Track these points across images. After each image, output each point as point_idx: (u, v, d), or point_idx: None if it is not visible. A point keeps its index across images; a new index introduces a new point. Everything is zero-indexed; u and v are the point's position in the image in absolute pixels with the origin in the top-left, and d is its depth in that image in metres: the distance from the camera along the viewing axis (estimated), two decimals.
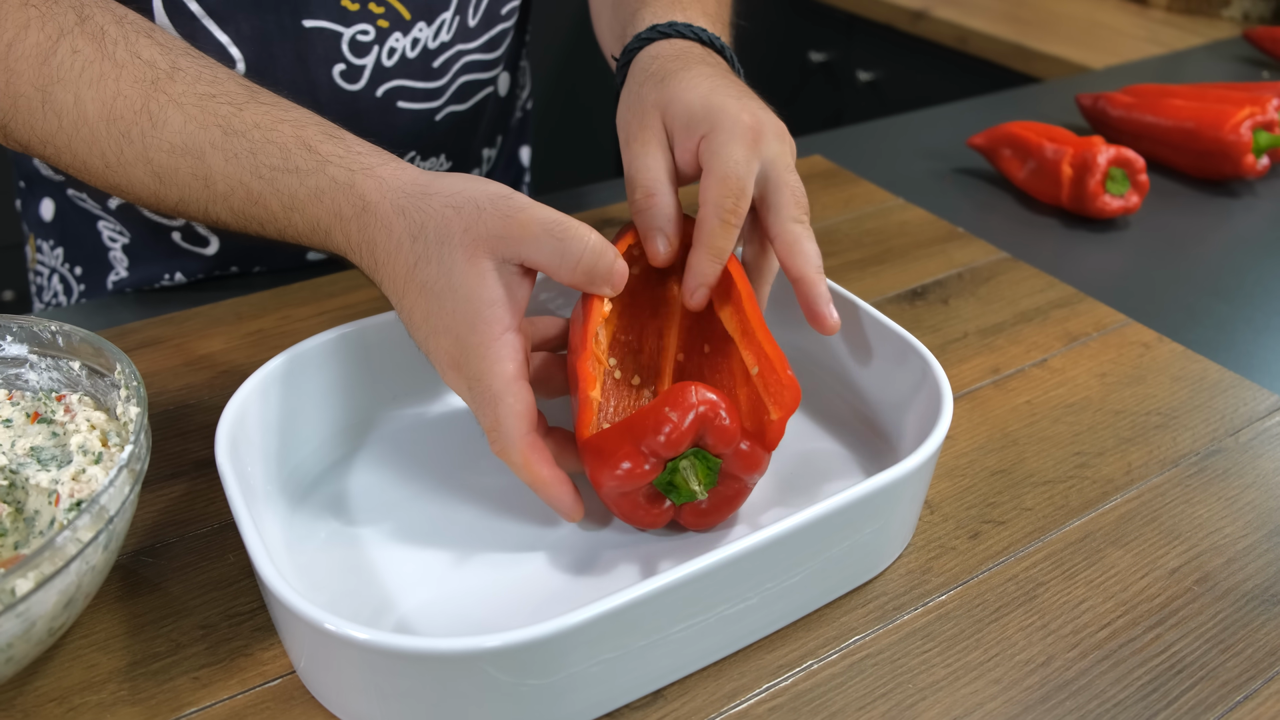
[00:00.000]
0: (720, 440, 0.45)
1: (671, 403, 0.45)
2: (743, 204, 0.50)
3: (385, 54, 0.69)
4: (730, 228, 0.50)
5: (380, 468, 0.54)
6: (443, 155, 0.78)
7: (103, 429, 0.47)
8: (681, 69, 0.54)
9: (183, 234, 0.72)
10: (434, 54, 0.71)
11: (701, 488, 0.45)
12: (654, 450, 0.44)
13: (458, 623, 0.45)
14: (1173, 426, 0.60)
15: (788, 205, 0.51)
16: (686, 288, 0.52)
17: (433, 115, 0.74)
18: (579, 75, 2.19)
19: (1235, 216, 0.90)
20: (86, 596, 0.42)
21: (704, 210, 0.50)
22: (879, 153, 1.00)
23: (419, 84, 0.72)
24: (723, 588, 0.42)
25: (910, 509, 0.49)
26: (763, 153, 0.51)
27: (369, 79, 0.69)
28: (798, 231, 0.51)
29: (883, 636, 0.46)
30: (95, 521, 0.39)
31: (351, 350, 0.54)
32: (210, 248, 0.73)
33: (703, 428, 0.44)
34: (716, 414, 0.44)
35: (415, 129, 0.74)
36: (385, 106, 0.71)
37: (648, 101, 0.54)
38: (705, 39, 0.58)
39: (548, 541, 0.50)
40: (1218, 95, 0.97)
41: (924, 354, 0.51)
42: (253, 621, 0.46)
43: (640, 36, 0.58)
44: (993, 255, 0.77)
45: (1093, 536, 0.52)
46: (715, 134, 0.50)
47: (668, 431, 0.44)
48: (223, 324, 0.66)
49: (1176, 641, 0.46)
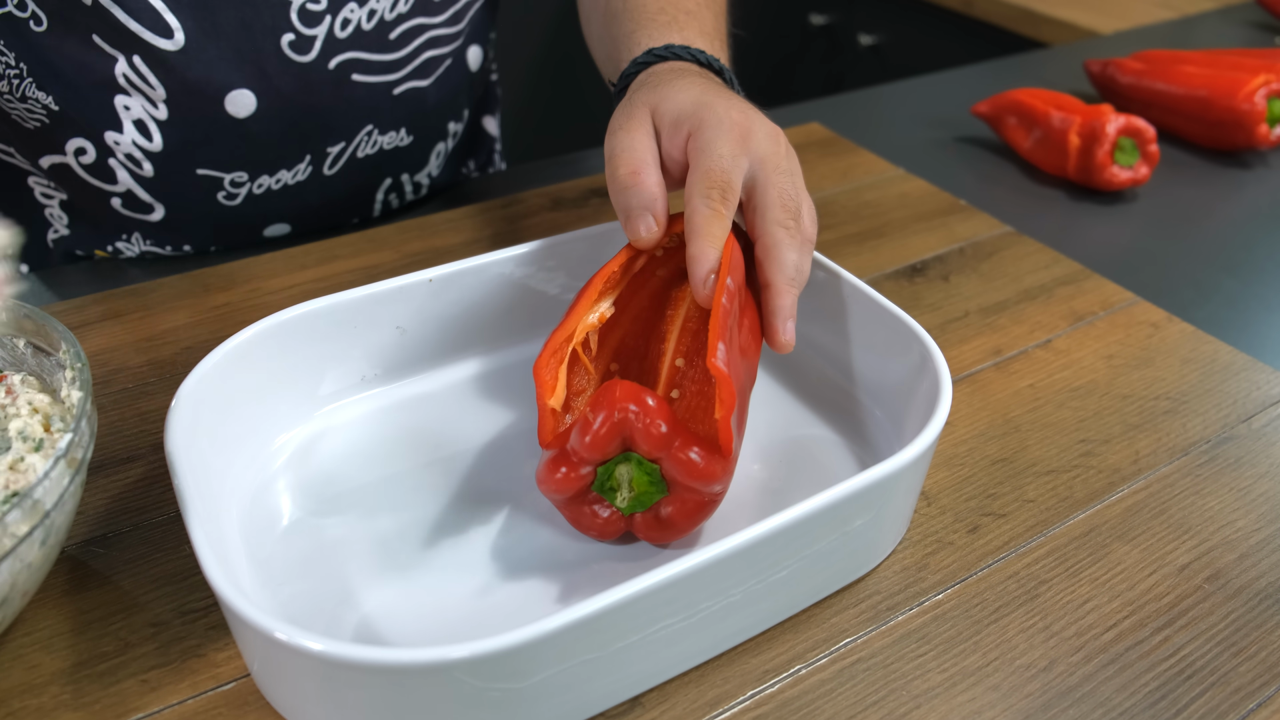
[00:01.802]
0: (650, 445, 0.42)
1: (594, 404, 0.42)
2: (729, 196, 0.47)
3: (338, 25, 0.65)
4: (720, 215, 0.47)
5: (349, 454, 0.51)
6: (403, 130, 0.74)
7: (45, 413, 0.44)
8: (676, 78, 0.52)
9: (123, 200, 0.68)
10: (391, 25, 0.68)
11: (631, 496, 0.43)
12: (579, 455, 0.42)
13: (423, 624, 0.42)
14: (1182, 412, 0.57)
15: (773, 207, 0.48)
16: (695, 278, 0.47)
17: (390, 89, 0.70)
18: (573, 40, 2.13)
19: (1246, 189, 0.87)
20: (24, 595, 0.39)
21: (691, 204, 0.48)
22: (879, 120, 0.97)
23: (375, 56, 0.68)
24: (704, 587, 0.39)
25: (906, 502, 0.46)
26: (752, 150, 0.49)
27: (320, 50, 0.65)
28: (779, 236, 0.48)
29: (875, 639, 0.44)
30: (29, 516, 0.37)
31: (322, 328, 0.51)
32: (155, 214, 0.69)
33: (627, 431, 0.42)
34: (642, 416, 0.41)
35: (371, 103, 0.70)
36: (339, 80, 0.67)
37: (638, 102, 0.51)
38: (703, 61, 0.56)
39: (521, 535, 0.47)
40: (1231, 62, 0.94)
41: (923, 338, 0.49)
42: (207, 619, 0.43)
43: (637, 62, 0.56)
44: (996, 229, 0.74)
45: (1098, 530, 0.49)
46: (702, 130, 0.48)
47: (592, 433, 0.41)
48: (188, 297, 0.63)
49: (1186, 644, 0.44)
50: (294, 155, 0.69)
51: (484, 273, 0.55)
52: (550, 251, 0.56)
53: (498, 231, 0.71)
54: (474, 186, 0.85)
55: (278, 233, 0.74)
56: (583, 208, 0.74)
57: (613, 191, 0.49)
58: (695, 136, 0.48)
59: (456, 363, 0.57)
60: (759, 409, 0.54)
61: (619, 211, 0.49)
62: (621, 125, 0.51)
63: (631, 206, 0.48)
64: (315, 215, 0.75)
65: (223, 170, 0.68)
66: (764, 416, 0.54)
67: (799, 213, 0.49)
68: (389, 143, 0.73)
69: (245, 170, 0.68)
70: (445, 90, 0.75)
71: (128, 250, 0.72)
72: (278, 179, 0.70)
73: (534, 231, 0.71)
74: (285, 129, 0.67)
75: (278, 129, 0.67)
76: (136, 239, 0.71)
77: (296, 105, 0.66)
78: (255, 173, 0.69)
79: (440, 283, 0.53)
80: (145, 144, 0.65)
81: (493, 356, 0.57)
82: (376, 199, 0.77)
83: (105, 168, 0.66)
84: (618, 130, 0.51)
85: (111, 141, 0.64)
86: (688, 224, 0.47)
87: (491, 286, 0.55)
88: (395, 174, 0.77)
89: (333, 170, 0.72)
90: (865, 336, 0.53)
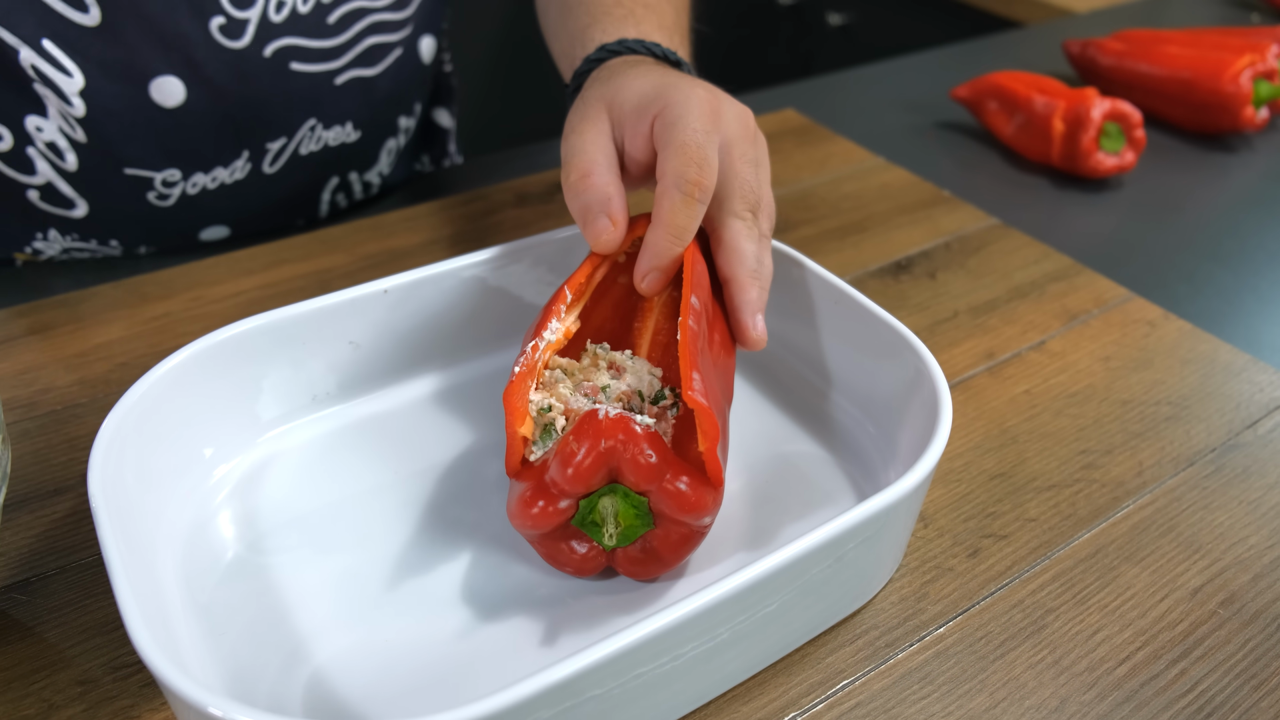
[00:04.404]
0: (640, 476, 0.38)
1: (578, 433, 0.38)
2: (706, 176, 0.43)
3: (273, 7, 0.60)
4: (692, 202, 0.43)
5: (298, 483, 0.47)
6: (349, 124, 0.69)
7: None
8: (629, 69, 0.48)
9: (41, 193, 0.62)
10: (329, 8, 0.63)
11: (618, 531, 0.39)
12: (560, 488, 0.38)
13: (383, 677, 0.39)
14: (1185, 418, 0.54)
15: (734, 198, 0.45)
16: (639, 271, 0.45)
17: (332, 79, 0.65)
18: (530, 24, 2.07)
19: (1233, 173, 0.84)
20: None
21: (662, 184, 0.44)
22: (854, 105, 0.93)
23: (313, 42, 0.63)
24: (690, 627, 0.35)
25: (905, 528, 0.42)
26: (722, 129, 0.45)
27: (254, 36, 0.60)
28: (738, 228, 0.45)
29: (874, 679, 0.40)
30: None
31: (266, 346, 0.46)
32: (78, 210, 0.64)
33: (614, 461, 0.38)
34: (631, 446, 0.38)
35: (313, 95, 0.65)
36: (276, 69, 0.62)
37: (591, 98, 0.48)
38: (659, 54, 0.52)
39: (491, 571, 0.43)
40: (1214, 42, 0.91)
41: (920, 350, 0.45)
42: (141, 675, 0.39)
43: (590, 59, 0.52)
44: (982, 222, 0.71)
45: (1104, 551, 0.46)
46: (670, 108, 0.45)
47: (574, 465, 0.38)
48: (123, 307, 0.58)
49: (1204, 677, 0.41)
50: (230, 151, 0.64)
51: (444, 281, 0.51)
52: (518, 255, 0.52)
53: (459, 231, 0.67)
54: (430, 181, 0.80)
55: (215, 236, 0.69)
56: (549, 203, 0.70)
57: (567, 197, 0.46)
58: (663, 115, 0.45)
59: (415, 378, 0.53)
60: (741, 422, 0.50)
61: (574, 217, 0.46)
62: (574, 127, 0.47)
63: (583, 208, 0.45)
64: (256, 217, 0.70)
65: (152, 169, 0.62)
66: (747, 430, 0.50)
67: (758, 208, 0.46)
68: (334, 138, 0.68)
69: (177, 167, 0.63)
70: (395, 82, 0.70)
71: (47, 249, 0.67)
72: (213, 177, 0.65)
73: (498, 230, 0.67)
74: (219, 122, 0.62)
75: (210, 122, 0.62)
76: (54, 235, 0.65)
77: (230, 96, 0.61)
78: (188, 170, 0.64)
79: (397, 293, 0.49)
80: (71, 132, 0.59)
81: (455, 370, 0.53)
82: (323, 199, 0.73)
83: (22, 157, 0.61)
84: (570, 133, 0.47)
85: (32, 128, 0.59)
86: (656, 207, 0.44)
87: (453, 295, 0.51)
88: (343, 172, 0.72)
89: (274, 168, 0.67)
90: (857, 348, 0.50)
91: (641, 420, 0.39)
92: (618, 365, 0.45)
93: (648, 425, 0.39)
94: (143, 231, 0.67)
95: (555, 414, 0.42)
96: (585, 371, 0.44)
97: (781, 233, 0.67)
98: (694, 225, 0.44)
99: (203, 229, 0.68)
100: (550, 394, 0.42)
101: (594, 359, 0.45)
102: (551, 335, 0.44)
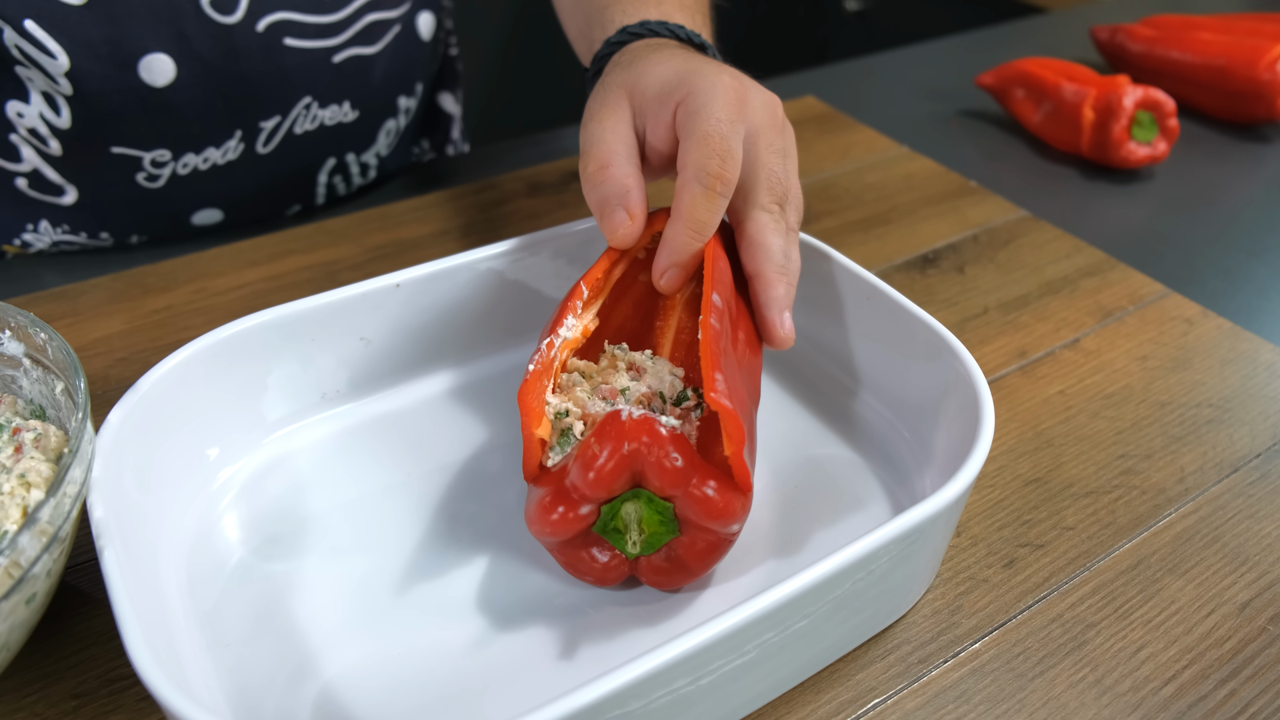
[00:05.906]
0: (664, 481, 0.36)
1: (600, 435, 0.36)
2: (729, 168, 0.41)
3: None
4: (714, 195, 0.41)
5: (307, 485, 0.45)
6: (346, 103, 0.66)
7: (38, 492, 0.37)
8: (652, 52, 0.46)
9: (29, 180, 0.61)
10: None
11: (643, 538, 0.37)
12: (581, 493, 0.36)
13: (397, 693, 0.37)
14: (1227, 421, 0.52)
15: (760, 190, 0.43)
16: (657, 267, 0.43)
17: (329, 56, 0.63)
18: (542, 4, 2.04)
19: (1268, 164, 0.82)
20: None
21: (683, 176, 0.42)
22: (875, 92, 0.91)
23: (310, 18, 0.61)
24: (715, 650, 0.33)
25: (940, 542, 0.40)
26: (748, 118, 0.43)
27: (247, 9, 0.58)
28: (764, 221, 0.43)
29: (907, 698, 0.38)
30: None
31: (274, 342, 0.45)
32: (67, 197, 0.62)
33: (638, 465, 0.36)
34: (655, 449, 0.36)
35: (309, 72, 0.63)
36: (269, 44, 0.60)
37: (612, 83, 0.46)
38: (683, 36, 0.49)
39: (508, 579, 0.41)
40: (1248, 28, 0.88)
41: (960, 351, 0.43)
42: (138, 688, 0.37)
43: (610, 41, 0.50)
44: (1011, 214, 0.69)
45: (1147, 562, 0.44)
46: (693, 96, 0.43)
47: (596, 468, 0.36)
48: (123, 300, 0.56)
49: (1255, 699, 0.39)
50: (222, 131, 0.62)
51: (459, 274, 0.49)
52: (535, 247, 0.50)
53: (470, 221, 0.65)
54: (438, 169, 0.78)
55: (208, 220, 0.67)
56: (563, 192, 0.68)
57: (584, 188, 0.44)
58: (685, 103, 0.43)
59: (429, 375, 0.51)
60: (768, 423, 0.48)
61: (592, 209, 0.44)
62: (594, 114, 0.45)
63: (601, 201, 0.43)
64: (250, 200, 0.67)
65: (141, 148, 0.60)
66: (775, 431, 0.48)
67: (785, 200, 0.44)
68: (330, 118, 0.66)
69: (167, 148, 0.61)
70: (394, 61, 0.68)
71: (37, 242, 0.65)
72: (205, 158, 0.63)
73: (510, 221, 0.65)
74: (210, 100, 0.60)
75: (201, 100, 0.60)
76: (45, 227, 0.63)
77: (222, 73, 0.59)
78: (179, 150, 0.61)
79: (410, 287, 0.47)
80: (53, 119, 0.57)
81: (470, 367, 0.51)
82: (319, 181, 0.70)
83: (7, 144, 0.59)
84: (589, 121, 0.45)
85: (14, 114, 0.57)
86: (676, 200, 0.42)
87: (468, 290, 0.49)
88: (339, 153, 0.69)
89: (267, 148, 0.65)
90: (887, 343, 0.48)
91: (666, 422, 0.37)
92: (637, 366, 0.43)
93: (673, 427, 0.38)
94: (133, 217, 0.64)
95: (573, 419, 0.40)
96: (603, 374, 0.42)
97: (803, 225, 0.65)
98: (715, 220, 0.42)
99: (194, 212, 0.66)
100: (567, 398, 0.40)
101: (612, 360, 0.43)
102: (568, 332, 0.42)
